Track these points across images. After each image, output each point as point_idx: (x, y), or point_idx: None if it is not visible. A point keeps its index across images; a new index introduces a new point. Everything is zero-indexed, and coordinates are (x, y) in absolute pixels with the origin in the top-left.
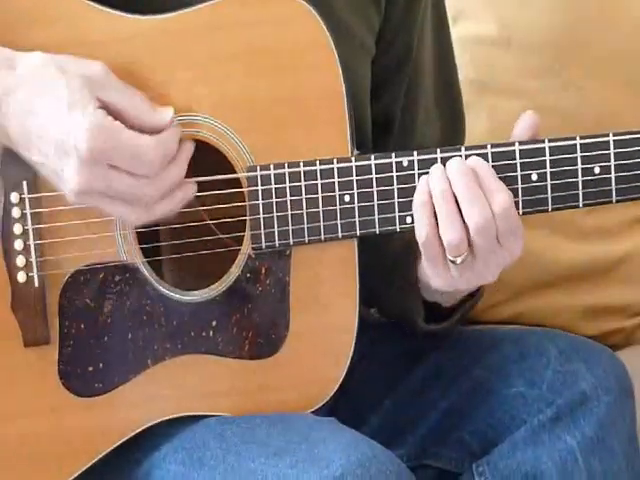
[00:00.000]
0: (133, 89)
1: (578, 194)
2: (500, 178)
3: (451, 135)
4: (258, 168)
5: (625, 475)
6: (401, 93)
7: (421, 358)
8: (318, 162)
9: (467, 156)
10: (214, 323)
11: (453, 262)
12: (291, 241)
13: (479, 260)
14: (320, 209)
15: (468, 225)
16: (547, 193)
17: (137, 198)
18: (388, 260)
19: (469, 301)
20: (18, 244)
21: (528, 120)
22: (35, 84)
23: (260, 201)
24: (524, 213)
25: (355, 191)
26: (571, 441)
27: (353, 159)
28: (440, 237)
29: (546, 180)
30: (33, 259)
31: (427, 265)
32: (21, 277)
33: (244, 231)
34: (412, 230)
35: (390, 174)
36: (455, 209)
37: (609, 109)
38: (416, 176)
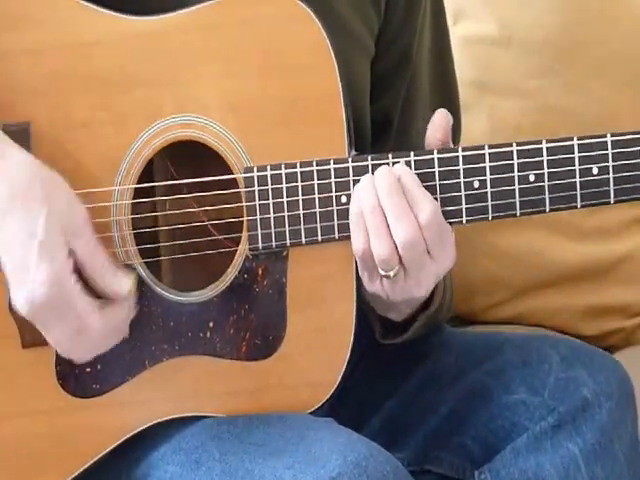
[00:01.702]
0: (102, 250)
1: (576, 195)
2: (498, 179)
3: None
4: (255, 169)
5: None
6: (400, 95)
7: (422, 360)
8: (315, 163)
9: (464, 157)
10: (211, 324)
11: (386, 276)
12: (288, 242)
13: (410, 273)
14: (317, 210)
15: (395, 241)
16: (545, 194)
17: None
18: None
19: (422, 314)
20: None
21: (438, 118)
22: (15, 192)
23: (257, 202)
24: (522, 214)
25: (352, 192)
26: (573, 448)
27: (350, 160)
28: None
29: (544, 181)
30: None
31: (363, 277)
32: None
33: (241, 232)
34: None
35: None
36: (384, 224)
37: (609, 109)
38: None
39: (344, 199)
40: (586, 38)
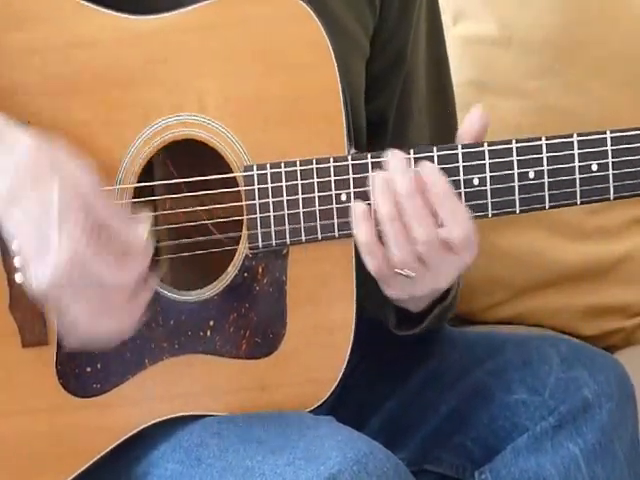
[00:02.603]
0: (115, 207)
1: (576, 192)
2: (497, 176)
3: (443, 137)
4: (255, 167)
5: None
6: (395, 95)
7: (422, 360)
8: (314, 161)
9: (464, 154)
10: (211, 323)
11: (406, 276)
12: (288, 240)
13: (430, 268)
14: (317, 208)
15: (416, 242)
16: (544, 191)
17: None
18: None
19: (439, 305)
20: (16, 245)
21: (475, 114)
22: (25, 173)
23: (257, 200)
24: (521, 211)
25: (352, 190)
26: (574, 448)
27: (349, 157)
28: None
29: (543, 178)
30: None
31: (375, 276)
32: (19, 278)
33: (241, 230)
34: None
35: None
36: (402, 228)
37: (609, 109)
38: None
39: (344, 197)
40: (586, 38)
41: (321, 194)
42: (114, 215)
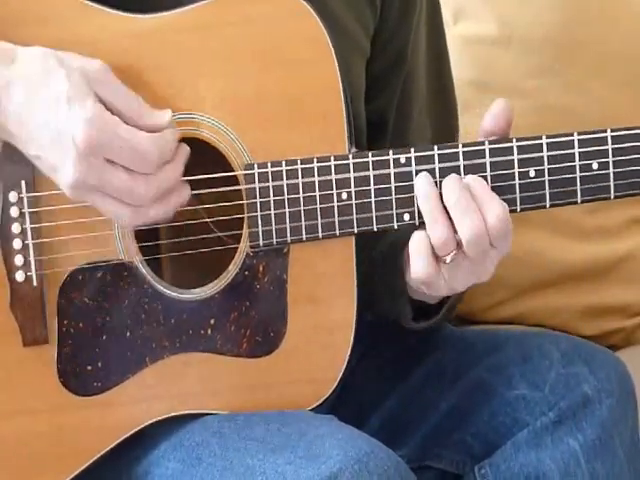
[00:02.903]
0: (131, 91)
1: (576, 190)
2: (498, 175)
3: (444, 137)
4: (255, 166)
5: (628, 477)
6: (395, 95)
7: (422, 358)
8: (315, 159)
9: (464, 152)
10: (212, 321)
11: (443, 261)
12: (289, 239)
13: (475, 262)
14: (317, 206)
15: (460, 237)
16: (545, 189)
17: (132, 197)
18: (374, 263)
19: (453, 295)
20: (17, 243)
21: (497, 107)
22: (34, 76)
23: (258, 199)
24: (522, 210)
25: (352, 188)
26: (574, 444)
27: (350, 156)
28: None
29: (544, 176)
30: (31, 258)
31: (417, 272)
32: (19, 276)
33: (242, 229)
34: (397, 232)
35: (387, 171)
36: (439, 207)
37: (609, 109)
38: (413, 173)
39: (345, 195)
40: (586, 38)
41: (322, 193)
42: (130, 100)
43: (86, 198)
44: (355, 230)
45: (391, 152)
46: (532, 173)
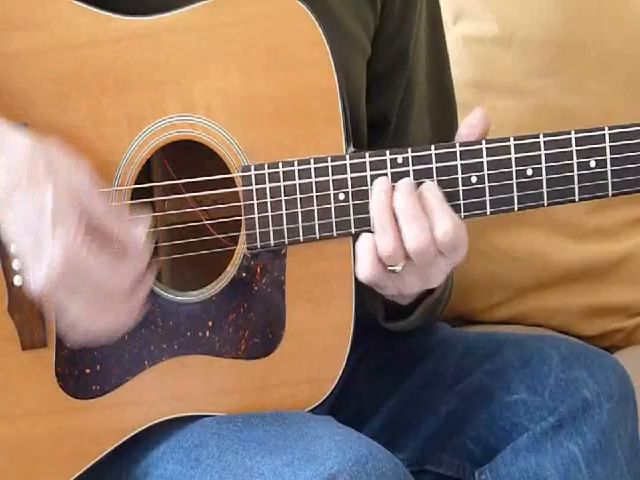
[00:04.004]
0: (111, 207)
1: (574, 188)
2: (495, 174)
3: (445, 137)
4: (252, 167)
5: None
6: (397, 95)
7: (422, 361)
8: (312, 160)
9: (461, 152)
10: (210, 323)
11: (392, 271)
12: (286, 240)
13: (421, 269)
14: (315, 207)
15: (405, 246)
16: (543, 188)
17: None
18: None
19: (428, 297)
20: (14, 248)
21: (473, 118)
22: (20, 176)
23: (255, 201)
24: (519, 209)
25: (350, 189)
26: (574, 448)
27: (347, 157)
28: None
29: (541, 175)
30: None
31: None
32: (17, 280)
33: (240, 231)
34: None
35: (385, 171)
36: (391, 221)
37: (609, 109)
38: (411, 173)
39: (342, 196)
40: (586, 38)
41: (319, 194)
42: (110, 215)
43: (52, 298)
44: (353, 231)
45: (388, 152)
46: (529, 171)
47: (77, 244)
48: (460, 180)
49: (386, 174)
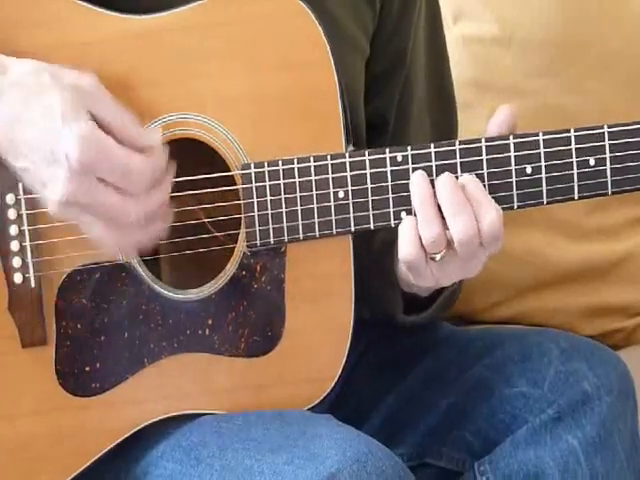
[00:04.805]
0: (123, 108)
1: (573, 187)
2: (494, 172)
3: (445, 137)
4: (252, 165)
5: (627, 474)
6: (395, 95)
7: (422, 356)
8: (312, 158)
9: (461, 150)
10: (210, 321)
11: (432, 259)
12: (286, 238)
13: (462, 259)
14: (314, 206)
15: (452, 235)
16: (542, 186)
17: (120, 218)
18: (368, 258)
19: (447, 289)
20: (14, 245)
21: (501, 114)
22: (26, 90)
23: (254, 199)
24: (519, 207)
25: (349, 187)
26: (573, 441)
27: (347, 155)
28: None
29: (541, 173)
30: (29, 260)
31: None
32: (17, 278)
33: (239, 229)
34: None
35: (384, 169)
36: (434, 208)
37: (609, 109)
38: (410, 171)
39: (341, 194)
40: (586, 38)
41: (319, 192)
42: (123, 116)
43: (72, 217)
44: (352, 229)
45: (387, 150)
46: (529, 170)
47: (92, 132)
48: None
49: (386, 172)
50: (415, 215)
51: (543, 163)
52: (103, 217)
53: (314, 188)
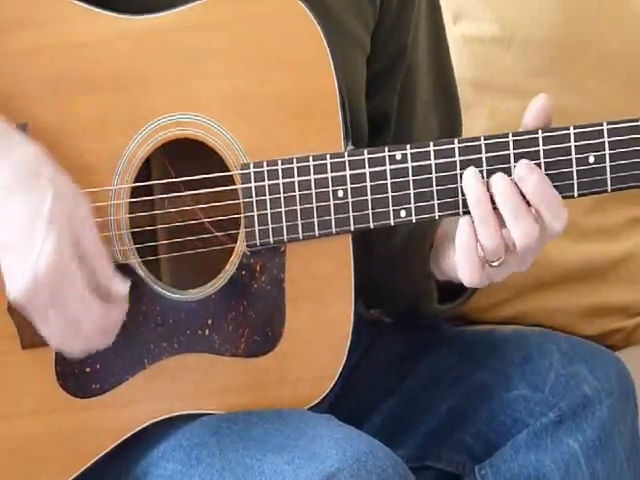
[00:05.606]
0: (103, 249)
1: (573, 184)
2: (493, 170)
3: (451, 134)
4: (251, 165)
5: (628, 477)
6: (396, 92)
7: (423, 358)
8: (311, 157)
9: (460, 149)
10: (210, 321)
11: (490, 264)
12: (285, 237)
13: (521, 257)
14: (314, 205)
15: (514, 240)
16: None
17: (61, 343)
18: (392, 253)
19: None
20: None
21: (538, 103)
22: (21, 179)
23: (254, 198)
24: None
25: (349, 186)
26: (574, 444)
27: (346, 154)
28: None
29: (540, 170)
30: None
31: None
32: None
33: (239, 228)
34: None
35: (383, 168)
36: (492, 215)
37: (609, 109)
38: (410, 169)
39: (341, 193)
40: (586, 38)
41: (318, 191)
42: (101, 253)
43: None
44: (352, 228)
45: (387, 149)
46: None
47: (66, 258)
48: (458, 177)
49: (385, 170)
50: (472, 220)
51: (542, 160)
52: (47, 331)
53: (313, 187)
